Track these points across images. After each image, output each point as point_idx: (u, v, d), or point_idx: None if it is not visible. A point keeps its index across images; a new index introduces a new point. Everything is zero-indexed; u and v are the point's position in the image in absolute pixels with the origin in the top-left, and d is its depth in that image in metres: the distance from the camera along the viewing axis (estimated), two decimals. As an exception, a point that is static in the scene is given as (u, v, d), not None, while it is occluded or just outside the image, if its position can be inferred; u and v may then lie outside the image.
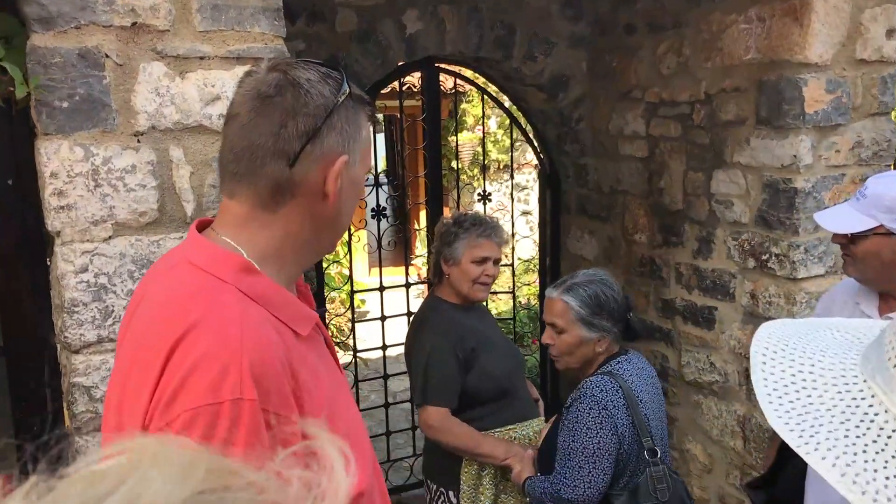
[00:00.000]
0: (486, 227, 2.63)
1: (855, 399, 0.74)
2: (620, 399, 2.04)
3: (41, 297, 1.95)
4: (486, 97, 4.69)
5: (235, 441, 0.86)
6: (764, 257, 3.11)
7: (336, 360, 1.19)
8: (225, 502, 0.31)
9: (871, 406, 0.72)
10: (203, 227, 1.12)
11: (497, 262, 2.65)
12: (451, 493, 2.57)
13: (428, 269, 2.82)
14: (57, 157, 1.75)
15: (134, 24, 1.78)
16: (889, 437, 0.67)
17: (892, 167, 3.35)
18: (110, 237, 1.82)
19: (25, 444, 0.37)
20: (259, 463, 0.35)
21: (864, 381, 0.74)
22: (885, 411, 0.70)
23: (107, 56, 1.77)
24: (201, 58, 1.87)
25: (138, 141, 1.82)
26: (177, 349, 0.92)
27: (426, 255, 3.22)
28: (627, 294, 2.28)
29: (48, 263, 1.93)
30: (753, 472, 3.26)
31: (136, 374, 0.96)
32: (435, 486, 2.65)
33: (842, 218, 2.00)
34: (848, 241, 1.99)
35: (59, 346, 1.91)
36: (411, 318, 2.87)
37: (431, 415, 2.50)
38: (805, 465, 1.88)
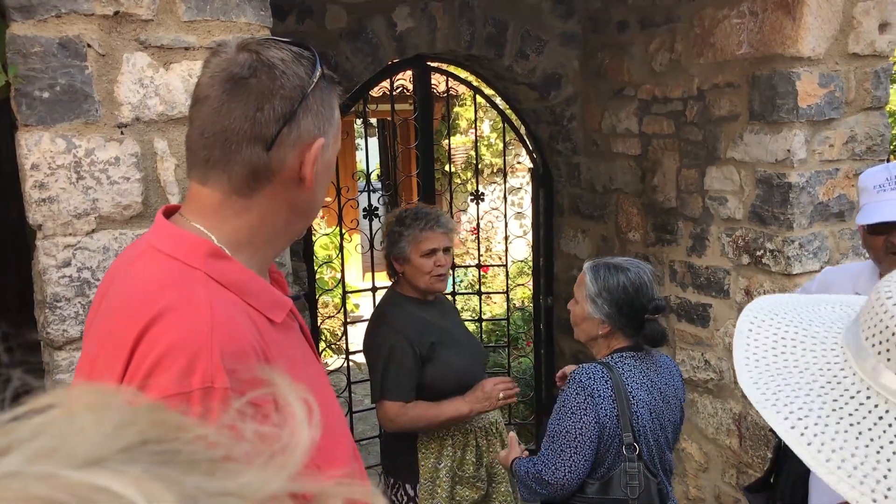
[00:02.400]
0: (429, 220, 2.59)
1: (829, 363, 0.79)
2: (608, 390, 2.03)
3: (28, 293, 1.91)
4: (478, 97, 4.67)
5: None
6: (758, 253, 3.09)
7: (313, 348, 1.15)
8: (171, 454, 0.28)
9: (842, 370, 0.78)
10: (170, 213, 1.07)
11: (447, 250, 2.62)
12: (408, 486, 2.57)
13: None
14: (38, 149, 1.71)
15: (116, 13, 1.75)
16: (852, 398, 0.75)
17: (888, 162, 3.33)
18: (93, 231, 1.78)
19: None
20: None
21: (841, 347, 0.80)
22: (854, 374, 0.76)
23: (89, 46, 1.73)
24: (186, 48, 1.84)
25: (122, 133, 1.79)
26: (143, 338, 0.89)
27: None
28: (659, 298, 2.18)
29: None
30: (750, 470, 3.23)
31: (101, 362, 0.93)
32: (392, 480, 2.65)
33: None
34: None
35: (41, 342, 1.87)
36: (373, 312, 2.84)
37: (388, 409, 2.50)
38: (807, 468, 1.85)
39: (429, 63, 4.06)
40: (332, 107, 1.05)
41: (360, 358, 4.75)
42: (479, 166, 5.36)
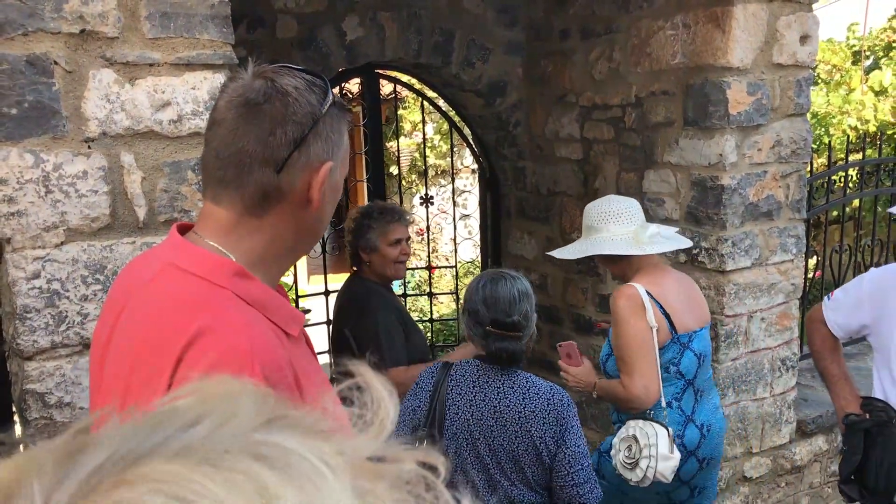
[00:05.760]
0: (394, 214, 2.99)
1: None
2: (429, 385, 2.15)
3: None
4: (424, 102, 4.78)
5: None
6: (694, 252, 3.27)
7: (316, 359, 1.23)
8: (292, 428, 0.36)
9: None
10: (181, 230, 1.12)
11: (408, 240, 3.00)
12: None
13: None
14: (6, 164, 1.75)
15: (83, 31, 1.80)
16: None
17: (809, 164, 3.57)
18: (62, 243, 1.83)
19: None
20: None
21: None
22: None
23: (56, 63, 1.78)
24: (151, 64, 1.89)
25: (89, 147, 1.84)
26: (185, 356, 0.93)
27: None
28: (512, 316, 2.08)
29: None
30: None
31: (140, 379, 0.97)
32: None
33: None
34: None
35: (9, 353, 1.90)
36: (344, 300, 3.05)
37: (395, 375, 2.68)
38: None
39: (377, 70, 4.15)
40: (340, 133, 1.10)
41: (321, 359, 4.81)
42: (426, 168, 5.47)
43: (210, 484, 0.30)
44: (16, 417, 2.04)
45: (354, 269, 3.04)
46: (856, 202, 5.51)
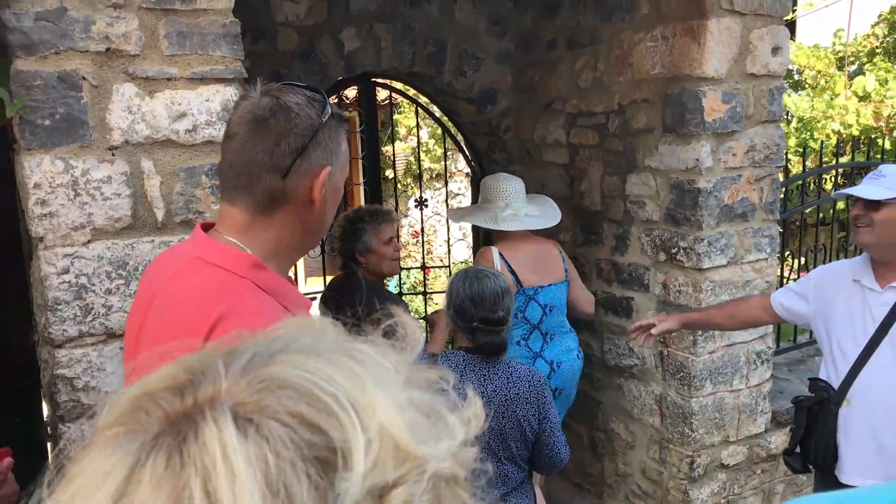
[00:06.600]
0: (383, 214, 3.20)
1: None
2: None
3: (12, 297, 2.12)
4: (418, 108, 4.98)
5: None
6: (673, 251, 3.47)
7: None
8: (355, 350, 0.53)
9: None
10: (204, 228, 1.31)
11: (398, 238, 3.28)
12: None
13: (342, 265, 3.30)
14: (39, 170, 1.94)
15: (108, 49, 1.99)
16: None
17: (783, 169, 3.77)
18: (89, 241, 2.01)
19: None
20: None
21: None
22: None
23: (84, 79, 1.97)
24: (168, 79, 2.08)
25: (113, 154, 2.02)
26: (211, 335, 1.10)
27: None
28: (498, 312, 2.29)
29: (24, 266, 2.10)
30: (670, 445, 3.62)
31: (175, 353, 1.18)
32: None
33: (869, 191, 2.33)
34: (869, 210, 2.32)
35: (40, 341, 2.08)
36: (344, 297, 3.21)
37: None
38: (834, 428, 2.23)
39: (373, 79, 4.35)
40: (338, 141, 1.29)
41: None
42: (420, 171, 5.67)
43: (322, 366, 0.48)
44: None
45: (344, 271, 3.24)
46: (841, 204, 5.71)
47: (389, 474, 0.45)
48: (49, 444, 2.19)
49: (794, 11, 10.33)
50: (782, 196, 3.93)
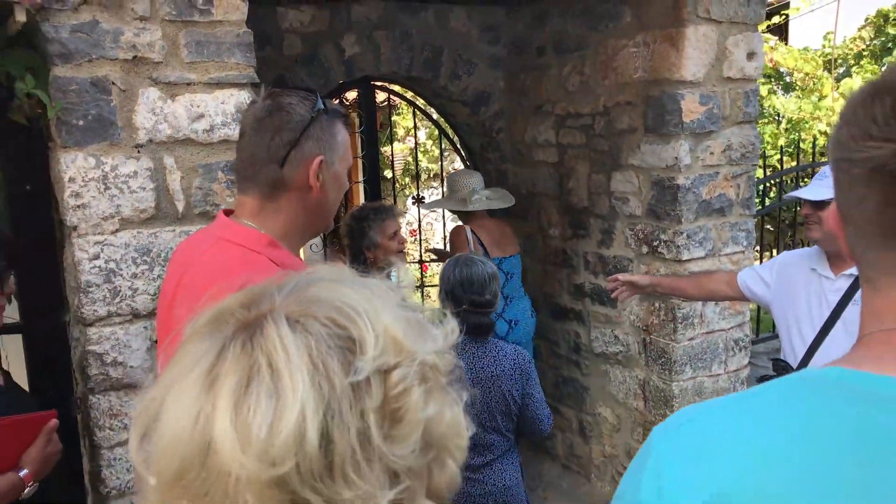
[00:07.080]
0: (386, 211, 3.44)
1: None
2: None
3: (53, 282, 2.34)
4: (416, 110, 5.21)
5: None
6: (655, 244, 3.69)
7: None
8: (366, 280, 0.74)
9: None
10: (226, 214, 1.53)
11: (400, 230, 3.49)
12: None
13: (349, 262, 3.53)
14: (74, 166, 2.16)
15: (134, 57, 2.21)
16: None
17: (760, 167, 3.99)
18: (117, 230, 2.23)
19: None
20: None
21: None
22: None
23: (113, 84, 2.19)
24: (188, 84, 2.30)
25: (138, 151, 2.25)
26: None
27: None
28: (486, 295, 2.51)
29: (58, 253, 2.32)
30: (653, 427, 3.83)
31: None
32: None
33: (814, 192, 2.55)
34: (816, 209, 2.52)
35: (71, 320, 2.30)
36: None
37: None
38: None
39: (373, 83, 4.58)
40: (332, 133, 1.50)
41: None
42: (417, 170, 5.90)
43: (346, 291, 0.70)
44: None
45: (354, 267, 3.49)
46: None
47: (391, 360, 0.67)
48: (79, 416, 2.41)
49: (783, 15, 10.57)
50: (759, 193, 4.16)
